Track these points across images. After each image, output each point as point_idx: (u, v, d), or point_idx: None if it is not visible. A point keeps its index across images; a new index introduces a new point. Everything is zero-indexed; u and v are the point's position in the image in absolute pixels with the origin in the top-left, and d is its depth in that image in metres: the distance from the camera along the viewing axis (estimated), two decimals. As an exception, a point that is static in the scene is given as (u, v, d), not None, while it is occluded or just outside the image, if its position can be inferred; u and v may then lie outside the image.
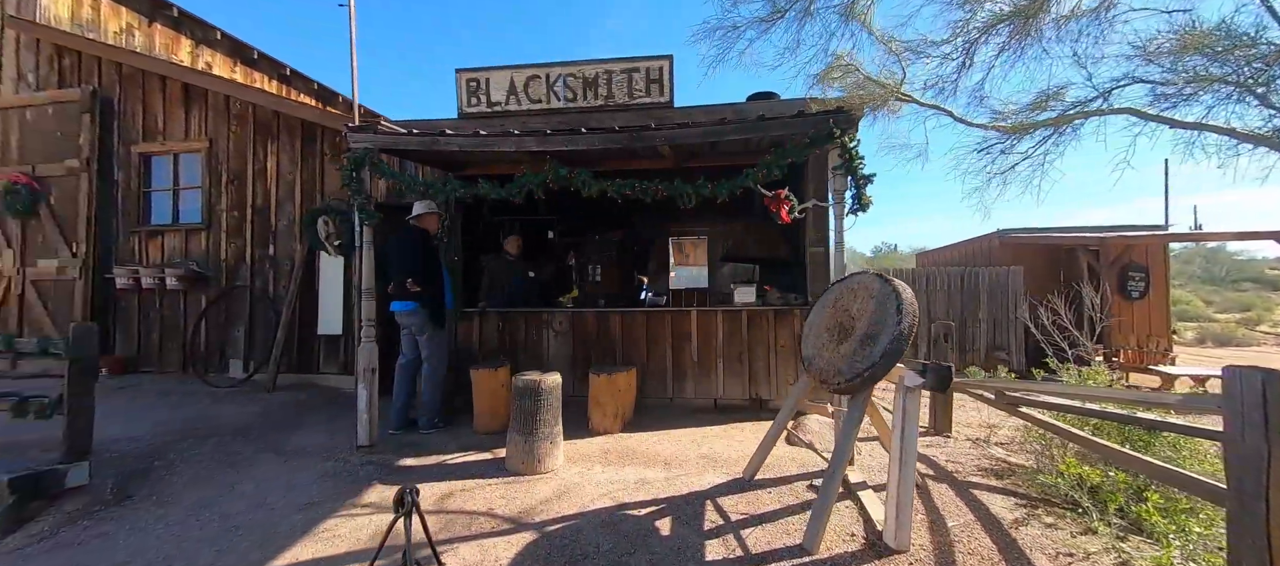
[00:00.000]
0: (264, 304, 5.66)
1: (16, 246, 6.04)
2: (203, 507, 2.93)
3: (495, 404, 4.16)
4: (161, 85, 5.93)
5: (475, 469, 3.41)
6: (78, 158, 5.88)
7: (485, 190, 3.46)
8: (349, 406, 4.91)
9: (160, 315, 5.86)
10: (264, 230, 5.69)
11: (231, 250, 5.75)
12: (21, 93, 6.20)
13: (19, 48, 6.26)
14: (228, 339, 5.73)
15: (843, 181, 3.17)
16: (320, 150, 5.60)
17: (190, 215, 5.91)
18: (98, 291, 5.87)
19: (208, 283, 5.77)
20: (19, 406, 3.12)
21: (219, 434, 3.95)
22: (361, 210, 3.61)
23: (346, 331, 5.46)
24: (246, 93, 5.68)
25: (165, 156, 5.97)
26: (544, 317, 5.07)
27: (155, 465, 3.45)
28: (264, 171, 5.72)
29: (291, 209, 5.65)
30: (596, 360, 4.91)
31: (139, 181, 5.96)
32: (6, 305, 6.07)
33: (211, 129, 5.83)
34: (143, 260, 5.91)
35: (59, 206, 5.95)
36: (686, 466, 3.41)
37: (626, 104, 4.83)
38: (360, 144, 3.63)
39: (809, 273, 4.71)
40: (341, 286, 5.46)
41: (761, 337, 4.73)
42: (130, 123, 5.99)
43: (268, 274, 5.68)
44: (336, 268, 5.48)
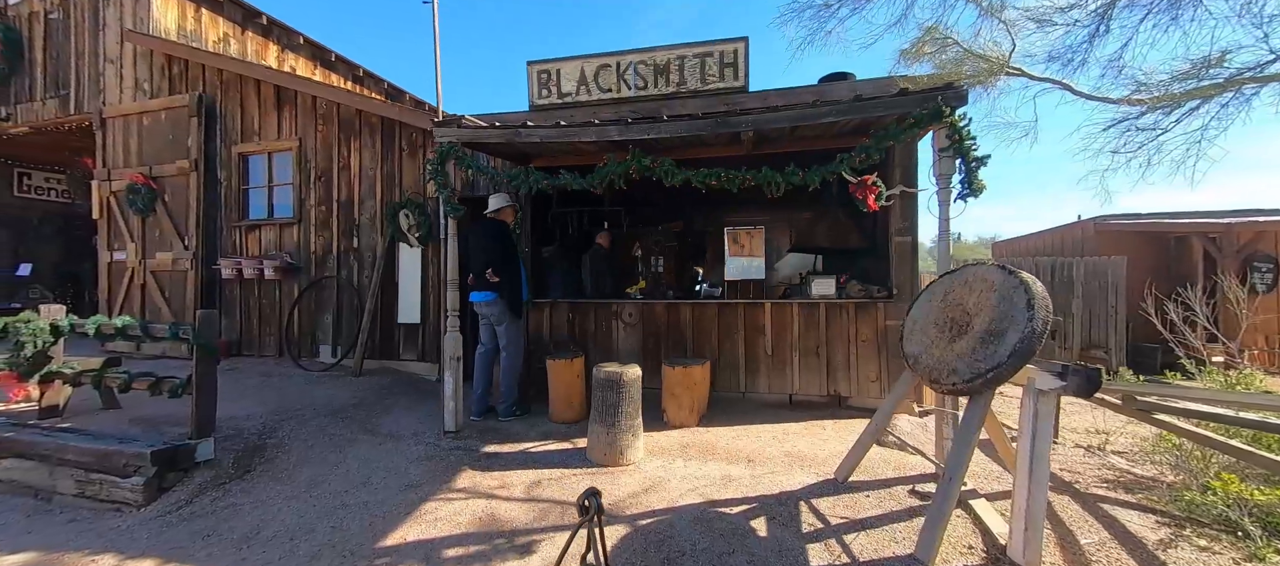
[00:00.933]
0: (349, 293, 5.99)
1: (138, 240, 6.69)
2: (315, 484, 3.12)
3: (570, 394, 4.20)
4: (257, 89, 6.35)
5: (558, 458, 3.46)
6: (187, 159, 6.42)
7: (566, 181, 3.46)
8: (428, 392, 5.13)
9: (258, 303, 6.34)
10: (348, 223, 6.01)
11: (319, 243, 6.12)
12: (138, 100, 6.82)
13: (135, 59, 6.88)
14: (317, 325, 6.12)
15: (949, 164, 2.93)
16: (398, 146, 5.83)
17: (282, 210, 6.33)
18: (205, 281, 6.41)
19: (299, 273, 6.17)
20: (155, 385, 3.44)
21: (319, 415, 4.22)
22: (447, 203, 3.70)
23: (424, 320, 5.69)
24: (331, 93, 5.98)
25: (261, 155, 6.41)
26: (614, 308, 5.06)
27: (268, 442, 3.72)
28: (347, 167, 6.02)
29: (373, 203, 5.92)
30: (667, 352, 4.86)
31: (238, 179, 6.44)
32: (130, 293, 6.76)
33: (300, 129, 6.20)
34: (243, 252, 6.40)
35: (172, 204, 6.54)
36: (771, 464, 3.30)
37: (698, 90, 4.70)
38: (445, 138, 3.72)
39: (893, 263, 4.43)
40: (419, 277, 5.69)
41: (840, 331, 4.52)
42: (230, 125, 6.47)
43: (352, 265, 6.00)
44: (414, 259, 5.71)
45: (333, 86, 5.84)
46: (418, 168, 5.74)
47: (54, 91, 7.30)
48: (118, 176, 6.78)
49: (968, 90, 2.91)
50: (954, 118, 2.87)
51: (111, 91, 6.97)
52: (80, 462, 3.20)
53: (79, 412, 4.14)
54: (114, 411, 4.21)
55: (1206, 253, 8.10)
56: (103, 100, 6.99)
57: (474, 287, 4.21)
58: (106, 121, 6.92)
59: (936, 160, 2.98)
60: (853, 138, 4.07)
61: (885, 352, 4.40)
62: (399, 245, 5.77)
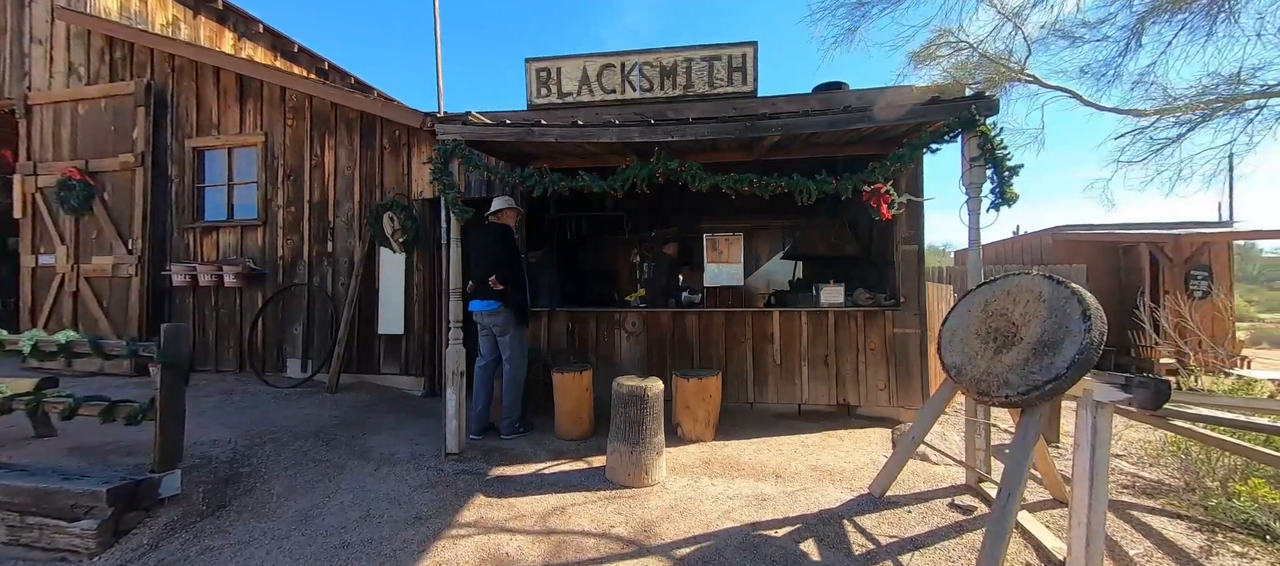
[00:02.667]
0: (322, 302, 5.52)
1: (70, 243, 5.95)
2: (307, 521, 2.77)
3: (579, 408, 3.97)
4: (215, 77, 5.79)
5: (574, 480, 3.23)
6: (132, 152, 5.77)
7: (586, 183, 3.26)
8: (417, 409, 4.77)
9: (216, 313, 5.75)
10: (321, 227, 5.55)
11: (288, 247, 5.61)
12: (72, 86, 6.10)
13: (69, 40, 6.15)
14: (285, 337, 5.60)
15: (980, 173, 2.93)
16: (379, 144, 5.43)
17: (245, 211, 5.78)
18: (153, 289, 5.76)
19: (263, 280, 5.64)
20: (108, 410, 2.98)
21: (298, 438, 3.80)
22: (453, 205, 3.42)
23: (408, 331, 5.31)
24: (303, 84, 5.52)
25: (220, 151, 5.84)
26: (616, 317, 4.87)
27: (243, 471, 3.30)
28: (321, 166, 5.56)
29: (350, 206, 5.49)
30: (674, 363, 4.71)
31: (193, 177, 5.84)
32: (60, 302, 6.00)
33: (267, 122, 5.68)
34: (197, 257, 5.80)
35: (113, 202, 5.85)
36: (801, 479, 3.20)
37: (707, 94, 4.59)
38: (449, 136, 3.44)
39: (899, 272, 4.46)
40: (403, 284, 5.31)
41: (849, 340, 4.50)
42: (183, 116, 5.87)
43: (325, 271, 5.53)
44: (397, 266, 5.32)
45: (305, 77, 5.39)
46: (401, 168, 5.37)
47: (-34, 73, 6.42)
48: (46, 170, 6.02)
49: (999, 99, 2.92)
50: (986, 126, 2.88)
51: (39, 75, 6.19)
52: (13, 505, 2.72)
53: (5, 442, 3.56)
54: (48, 439, 3.65)
55: (1153, 260, 8.71)
56: (28, 85, 6.20)
57: (474, 295, 3.92)
58: (31, 108, 6.14)
59: (966, 169, 2.97)
60: (861, 146, 4.07)
61: (893, 361, 4.41)
62: (380, 250, 5.37)
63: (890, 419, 4.38)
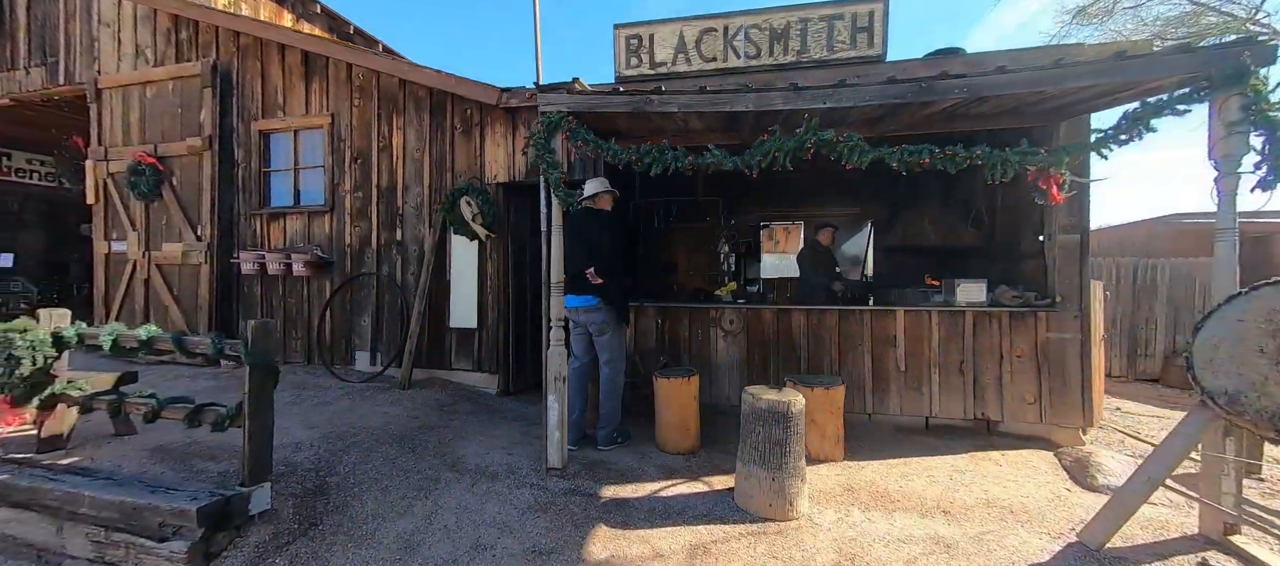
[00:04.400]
0: (391, 292, 5.24)
1: (141, 230, 5.86)
2: (411, 547, 2.42)
3: (685, 419, 3.52)
4: (281, 56, 5.53)
5: (701, 508, 2.78)
6: (199, 136, 5.59)
7: (715, 160, 2.75)
8: (495, 410, 4.42)
9: (284, 302, 5.55)
10: (390, 213, 5.24)
11: (355, 234, 5.34)
12: (139, 69, 5.97)
13: (135, 21, 6.01)
14: (353, 329, 5.36)
15: (1241, 143, 2.27)
16: (450, 124, 5.06)
17: (312, 197, 5.54)
18: (221, 276, 5.61)
19: (331, 269, 5.40)
20: (193, 414, 2.69)
21: (381, 443, 3.49)
22: (556, 188, 2.98)
23: (481, 324, 4.96)
24: (371, 60, 5.19)
25: (285, 134, 5.60)
26: (711, 315, 4.38)
27: (330, 481, 2.99)
28: (389, 148, 5.24)
29: (419, 190, 5.16)
30: (780, 367, 4.20)
31: (259, 161, 5.62)
32: (132, 289, 5.94)
33: (333, 103, 5.40)
34: (264, 244, 5.60)
35: (181, 188, 5.71)
36: (975, 518, 2.66)
37: (825, 59, 4.00)
38: (553, 107, 2.99)
39: (1054, 266, 3.80)
40: (475, 275, 4.95)
41: (990, 345, 3.88)
42: (249, 98, 5.65)
43: (394, 260, 5.24)
44: (470, 255, 4.97)
45: (371, 53, 5.05)
46: (472, 150, 4.99)
47: (40, 58, 6.39)
48: (116, 156, 5.93)
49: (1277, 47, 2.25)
50: (1259, 81, 2.22)
51: (107, 58, 6.09)
52: (99, 518, 2.46)
53: (86, 438, 3.37)
54: (128, 437, 3.45)
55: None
56: (97, 69, 6.11)
57: (567, 290, 3.50)
58: (102, 92, 6.05)
59: (1221, 137, 2.32)
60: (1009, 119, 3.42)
61: (1046, 370, 3.78)
62: (451, 238, 5.03)
63: (1041, 438, 3.76)
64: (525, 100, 4.65)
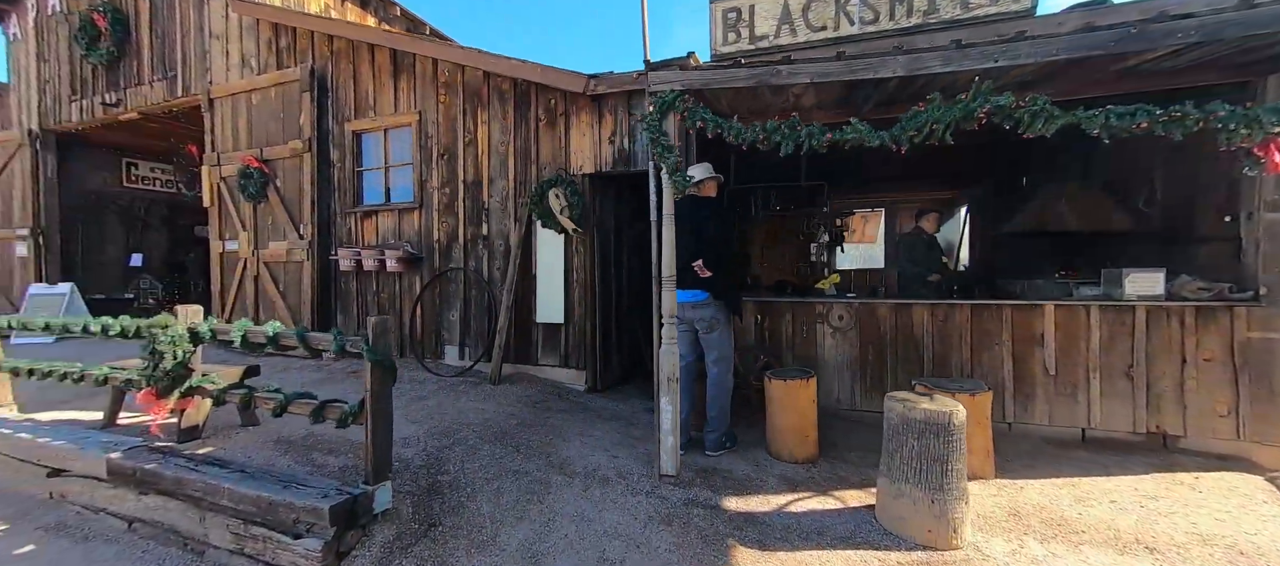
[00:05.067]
0: (478, 287, 5.25)
1: (250, 229, 6.24)
2: (532, 558, 2.29)
3: (803, 424, 3.21)
4: (371, 57, 5.66)
5: (840, 527, 2.48)
6: (300, 138, 5.84)
7: (856, 135, 2.41)
8: (588, 408, 4.29)
9: (377, 297, 5.72)
10: (475, 207, 5.25)
11: (443, 230, 5.40)
12: (245, 77, 6.32)
13: (241, 33, 6.37)
14: (442, 323, 5.43)
15: None
16: (534, 115, 4.97)
17: (401, 194, 5.65)
18: (321, 273, 5.86)
19: (421, 264, 5.49)
20: (318, 411, 2.71)
21: (484, 440, 3.43)
22: (671, 173, 2.75)
23: (568, 319, 4.86)
24: (455, 53, 5.18)
25: (376, 133, 5.74)
26: (818, 310, 4.02)
27: (441, 480, 2.94)
28: (474, 143, 5.24)
29: (504, 183, 5.12)
30: (901, 370, 3.79)
31: (352, 161, 5.81)
32: (243, 285, 6.34)
33: (420, 100, 5.46)
34: (358, 241, 5.79)
35: (284, 189, 6.01)
36: (1196, 559, 2.19)
37: (958, 19, 3.51)
38: (665, 86, 2.75)
39: (1256, 251, 3.14)
40: (562, 269, 4.85)
41: (1168, 346, 3.29)
42: (342, 99, 5.84)
43: (480, 255, 5.24)
44: (556, 249, 4.87)
45: (458, 47, 5.04)
46: (557, 141, 4.87)
47: (161, 73, 6.95)
48: (227, 160, 6.33)
49: None
50: None
51: (218, 69, 6.51)
52: (237, 511, 2.52)
53: (217, 428, 3.54)
54: (252, 428, 3.60)
55: None
56: (210, 79, 6.54)
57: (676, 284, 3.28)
58: (214, 102, 6.47)
59: None
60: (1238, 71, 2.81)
61: (1246, 377, 3.14)
62: (536, 232, 4.95)
63: (1239, 458, 3.14)
64: (613, 87, 4.46)
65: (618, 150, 4.60)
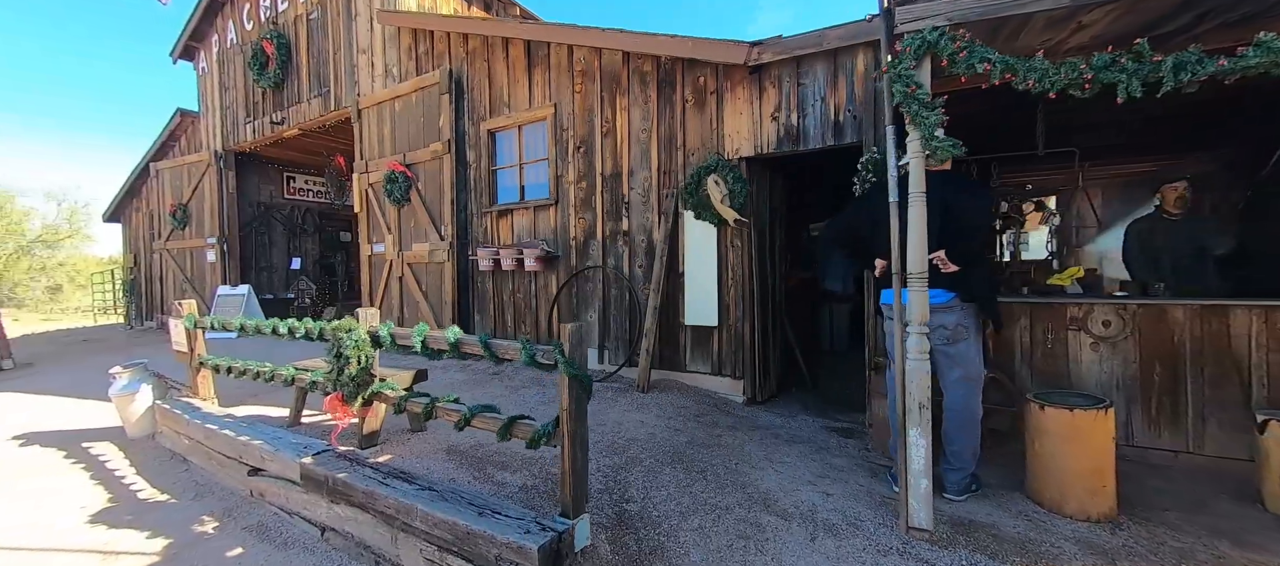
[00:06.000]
0: (617, 286, 4.92)
1: (395, 232, 6.48)
2: (791, 642, 1.77)
3: (1099, 469, 2.39)
4: (505, 52, 5.57)
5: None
6: (439, 140, 5.93)
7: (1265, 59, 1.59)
8: (758, 425, 3.74)
9: (514, 297, 5.64)
10: (614, 202, 4.91)
11: (579, 227, 5.14)
12: (388, 86, 6.58)
13: (384, 44, 6.64)
14: (579, 324, 5.17)
15: None
16: (680, 97, 4.51)
17: (536, 191, 5.50)
18: (460, 273, 5.91)
19: (557, 263, 5.29)
20: (506, 428, 2.43)
21: (661, 462, 3.02)
22: (929, 138, 2.10)
23: (722, 321, 4.35)
24: (592, 37, 4.88)
25: (510, 131, 5.65)
26: (1070, 313, 3.11)
27: (627, 510, 2.56)
28: (612, 132, 4.90)
29: (646, 174, 4.72)
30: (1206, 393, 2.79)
31: (488, 160, 5.77)
32: (388, 286, 6.62)
33: (554, 92, 5.25)
34: (494, 241, 5.75)
35: (425, 191, 6.14)
36: None
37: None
38: (923, 20, 2.09)
39: None
40: (715, 265, 4.34)
41: None
42: (477, 99, 5.82)
43: (620, 252, 4.90)
44: (707, 243, 4.37)
45: (597, 30, 4.73)
46: (706, 123, 4.37)
47: (316, 90, 7.51)
48: (374, 167, 6.64)
49: None
50: None
51: (364, 82, 6.86)
52: (431, 535, 2.29)
53: (390, 432, 3.49)
54: (421, 434, 3.51)
55: None
56: (357, 92, 6.92)
57: (888, 282, 2.62)
58: (362, 112, 6.83)
59: None
60: None
61: None
62: (683, 225, 4.49)
63: None
64: (782, 53, 3.86)
65: (783, 128, 3.99)
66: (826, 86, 3.79)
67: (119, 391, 4.08)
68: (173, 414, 3.92)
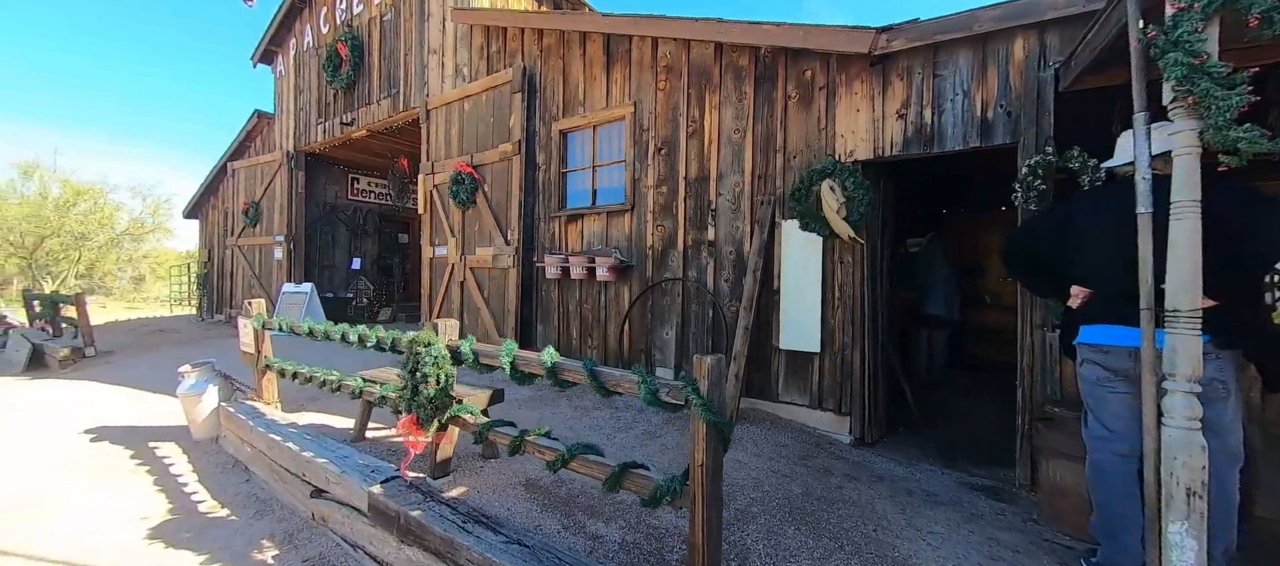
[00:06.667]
0: (698, 301, 4.46)
1: (458, 235, 6.28)
2: None
3: None
4: (582, 48, 5.26)
5: None
6: (509, 141, 5.67)
7: None
8: (879, 475, 3.15)
9: (580, 308, 5.27)
10: (699, 209, 4.46)
11: (658, 235, 4.71)
12: (457, 86, 6.42)
13: (455, 44, 6.50)
14: (653, 341, 4.74)
15: None
16: (782, 92, 4.03)
17: (610, 196, 5.13)
18: (524, 280, 5.61)
19: (630, 273, 4.88)
20: (614, 478, 1.99)
21: (774, 516, 2.51)
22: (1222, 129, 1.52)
23: (825, 346, 3.80)
24: (682, 27, 4.48)
25: (583, 131, 5.32)
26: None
27: (756, 588, 2.06)
28: (699, 133, 4.47)
29: (737, 179, 4.25)
30: None
31: (558, 162, 5.46)
32: (449, 291, 6.41)
33: (635, 89, 4.88)
34: (562, 247, 5.41)
35: (492, 193, 5.90)
36: None
37: None
38: (1212, -29, 1.53)
39: None
40: (818, 283, 3.81)
41: None
42: (550, 98, 5.53)
43: (704, 263, 4.44)
44: (809, 257, 3.85)
45: (682, 20, 4.33)
46: (813, 122, 3.87)
47: (386, 91, 7.48)
48: (440, 168, 6.48)
49: None
50: None
51: (434, 82, 6.74)
52: (524, 605, 1.88)
53: (460, 457, 3.14)
54: (494, 462, 3.14)
55: None
56: (427, 92, 6.82)
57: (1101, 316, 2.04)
58: (430, 113, 6.71)
59: None
60: None
61: None
62: (780, 236, 3.99)
63: None
64: (911, 40, 3.32)
65: (912, 126, 3.43)
66: (972, 78, 3.22)
67: (186, 391, 3.95)
68: (237, 418, 3.74)
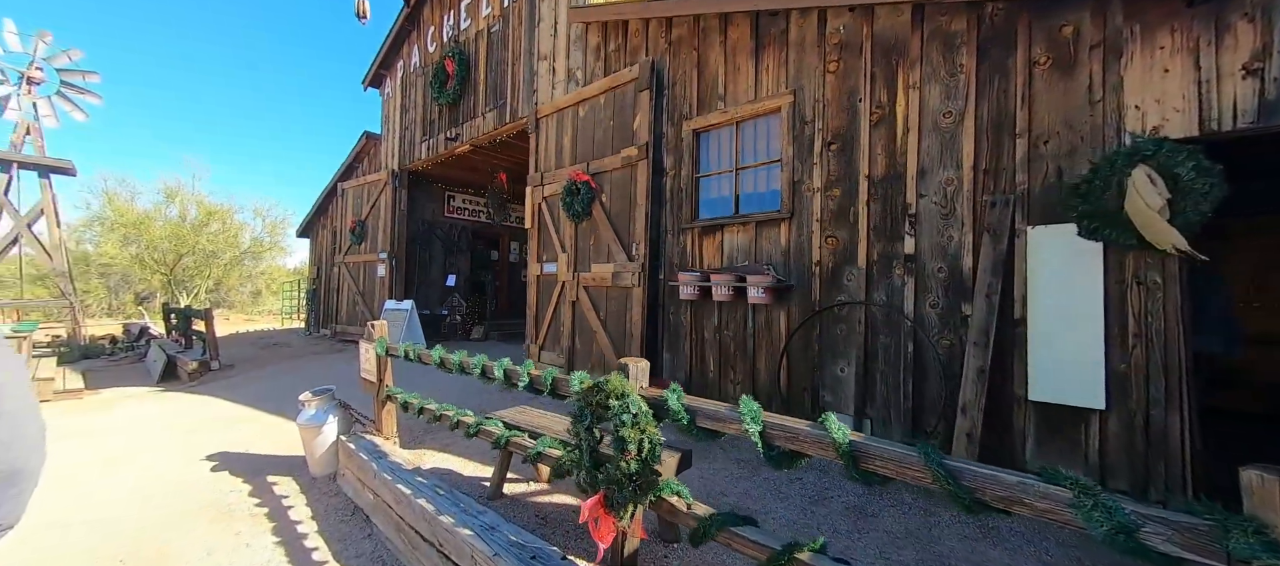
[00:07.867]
0: (889, 331, 3.50)
1: (570, 250, 5.73)
2: None
3: None
4: (721, 34, 4.56)
5: None
6: (633, 145, 5.06)
7: None
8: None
9: (719, 335, 4.46)
10: (888, 214, 3.54)
11: (827, 248, 3.83)
12: (570, 92, 5.96)
13: (569, 48, 6.07)
14: (822, 380, 3.82)
15: None
16: (1023, 57, 3.05)
17: (758, 202, 4.33)
18: (650, 300, 4.90)
19: (788, 295, 4.01)
20: None
21: None
22: None
23: (1110, 404, 2.70)
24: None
25: (723, 130, 4.58)
26: None
27: None
28: (888, 119, 3.57)
29: (947, 176, 3.29)
30: None
31: (691, 166, 4.75)
32: (559, 311, 5.87)
33: (793, 75, 4.07)
34: (695, 262, 4.66)
35: (611, 204, 5.30)
36: None
37: None
38: None
39: None
40: (1100, 311, 2.74)
41: None
42: (680, 96, 4.87)
43: (896, 283, 3.48)
44: (1077, 275, 2.80)
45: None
46: (1079, 91, 2.85)
47: (492, 103, 7.23)
48: (550, 180, 6.01)
49: None
50: None
51: (543, 89, 6.34)
52: None
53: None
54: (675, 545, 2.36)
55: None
56: (536, 100, 6.43)
57: None
58: (540, 122, 6.30)
59: None
60: None
61: None
62: (1026, 248, 2.97)
63: None
64: (1285, -43, 2.24)
65: (1274, 87, 2.33)
66: None
67: (305, 421, 3.57)
68: (357, 456, 3.27)
